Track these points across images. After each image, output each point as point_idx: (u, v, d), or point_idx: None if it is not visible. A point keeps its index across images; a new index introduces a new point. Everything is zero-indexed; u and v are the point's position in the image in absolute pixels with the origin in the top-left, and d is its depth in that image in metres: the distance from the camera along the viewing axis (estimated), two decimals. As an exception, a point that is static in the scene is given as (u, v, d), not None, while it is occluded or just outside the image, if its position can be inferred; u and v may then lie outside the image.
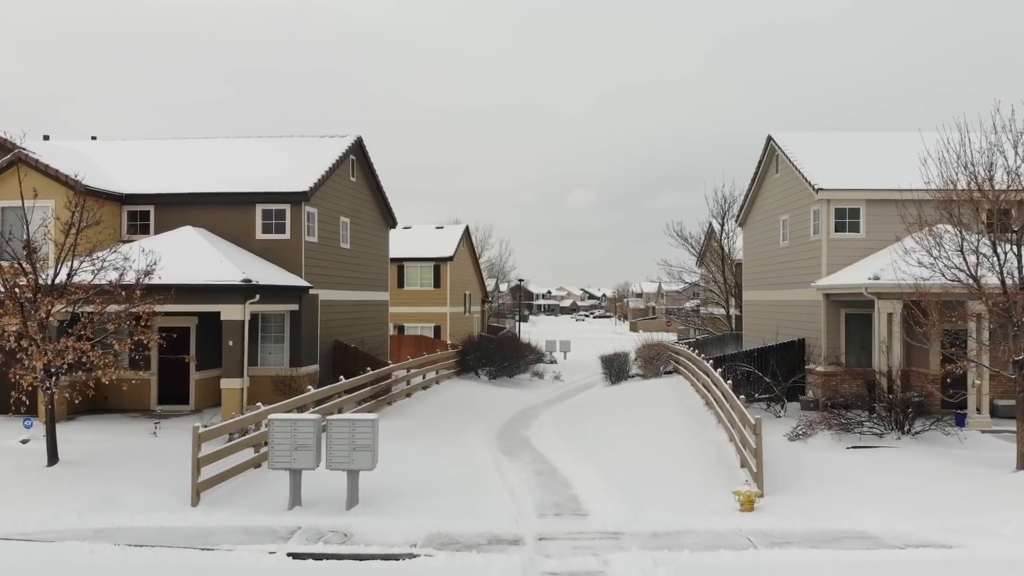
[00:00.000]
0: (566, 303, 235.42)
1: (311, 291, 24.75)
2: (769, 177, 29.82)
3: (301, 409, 19.87)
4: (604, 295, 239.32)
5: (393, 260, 45.63)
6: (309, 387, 20.31)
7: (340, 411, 22.20)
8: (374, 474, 15.83)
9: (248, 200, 24.54)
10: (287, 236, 24.56)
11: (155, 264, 17.77)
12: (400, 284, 45.78)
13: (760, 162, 29.98)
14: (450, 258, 44.99)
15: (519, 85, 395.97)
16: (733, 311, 42.33)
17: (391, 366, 26.47)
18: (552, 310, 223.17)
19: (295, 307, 24.17)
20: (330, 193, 26.72)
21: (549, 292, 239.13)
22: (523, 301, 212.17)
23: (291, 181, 24.76)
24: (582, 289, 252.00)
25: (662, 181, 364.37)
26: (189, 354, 23.38)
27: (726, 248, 42.27)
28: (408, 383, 28.62)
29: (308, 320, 24.81)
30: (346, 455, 14.70)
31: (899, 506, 14.78)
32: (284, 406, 18.21)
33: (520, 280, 70.98)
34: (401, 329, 45.49)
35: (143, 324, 17.71)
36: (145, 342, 18.57)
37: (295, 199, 24.40)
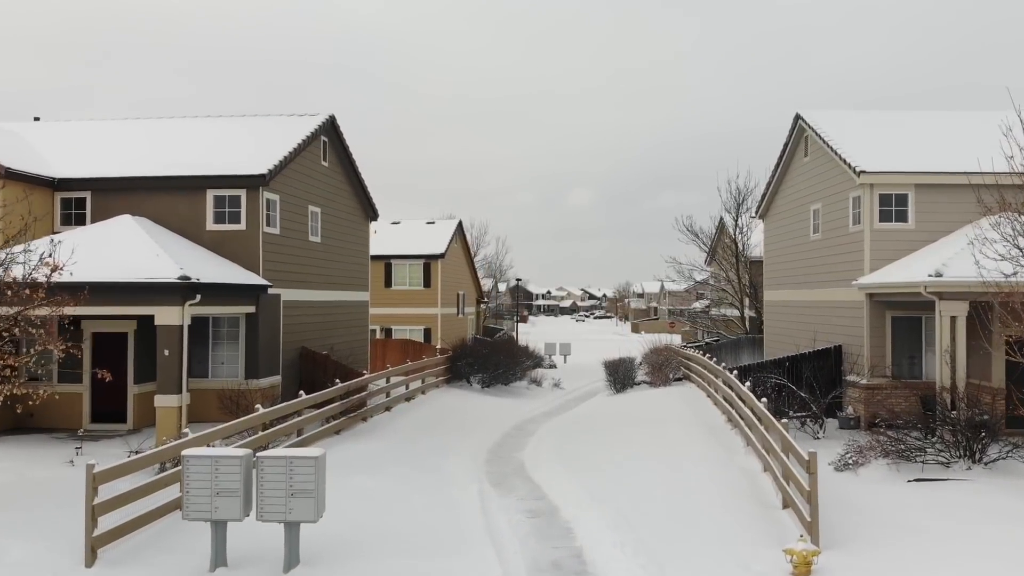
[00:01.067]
0: (566, 303, 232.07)
1: (270, 290, 21.36)
2: (797, 162, 26.41)
3: (249, 433, 16.51)
4: (604, 295, 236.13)
5: (379, 257, 42.27)
6: (258, 405, 16.89)
7: (300, 433, 18.83)
8: (327, 520, 12.45)
9: (197, 185, 21.15)
10: (242, 226, 21.15)
11: (61, 257, 14.34)
12: (387, 283, 42.40)
13: (786, 145, 26.58)
14: (441, 255, 41.63)
15: (519, 85, 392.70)
16: (748, 312, 38.93)
17: (366, 377, 23.07)
18: (552, 310, 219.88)
19: (251, 309, 20.78)
20: (296, 178, 23.33)
21: (549, 292, 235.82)
22: (522, 301, 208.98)
23: (248, 163, 21.36)
24: (582, 289, 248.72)
25: (661, 181, 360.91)
26: (127, 364, 20.00)
27: (740, 244, 38.87)
28: (388, 395, 25.23)
29: (267, 324, 21.41)
30: (282, 503, 11.30)
31: (997, 567, 11.42)
32: (221, 432, 14.82)
33: (518, 280, 67.57)
34: (388, 332, 42.10)
35: (67, 329, 14.27)
36: (62, 351, 15.14)
37: (252, 183, 21.01)
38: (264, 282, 20.85)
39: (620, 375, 34.49)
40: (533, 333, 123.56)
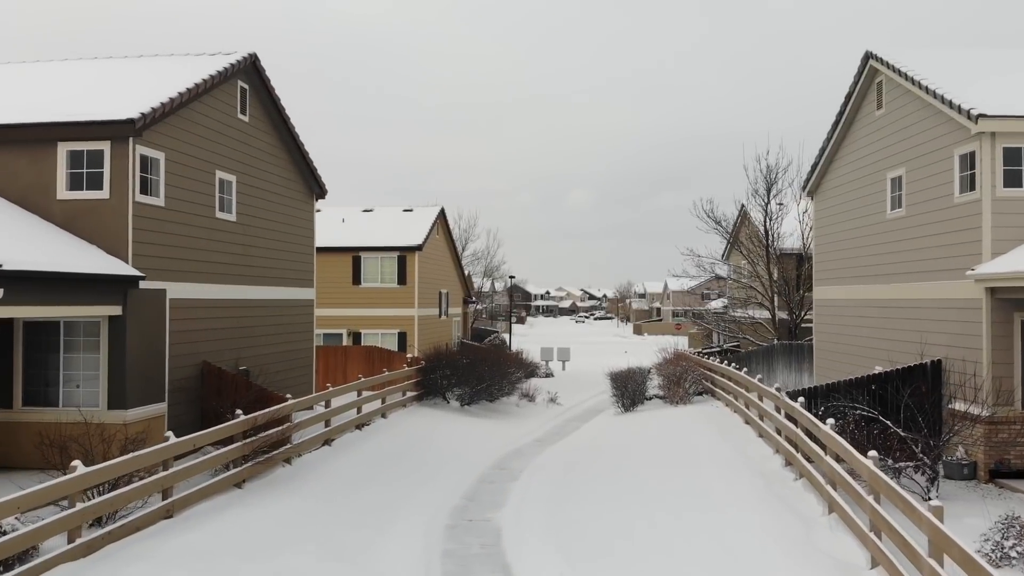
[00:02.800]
0: (565, 304, 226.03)
1: (146, 284, 15.25)
2: (865, 118, 20.29)
3: (69, 502, 10.45)
4: (605, 296, 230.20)
5: (346, 250, 36.17)
6: (77, 463, 10.74)
7: (167, 494, 12.72)
8: None
9: (45, 136, 15.04)
10: (105, 194, 15.03)
11: None
12: (356, 280, 36.28)
13: (849, 98, 20.49)
14: (419, 247, 35.54)
15: (516, 86, 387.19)
16: (779, 314, 32.82)
17: (288, 403, 16.92)
18: (551, 311, 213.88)
19: (115, 310, 14.66)
20: (195, 132, 17.22)
21: (547, 292, 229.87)
22: (520, 302, 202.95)
23: (118, 108, 15.25)
24: (582, 289, 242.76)
25: (661, 182, 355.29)
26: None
27: (772, 233, 32.79)
28: (327, 424, 19.12)
29: (141, 331, 15.28)
30: None
31: None
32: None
33: (511, 277, 61.24)
34: (357, 337, 36.00)
35: None
36: None
37: (119, 133, 14.90)
38: (134, 272, 14.72)
39: (629, 390, 28.42)
40: (531, 335, 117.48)
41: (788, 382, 29.20)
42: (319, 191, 23.35)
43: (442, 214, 40.05)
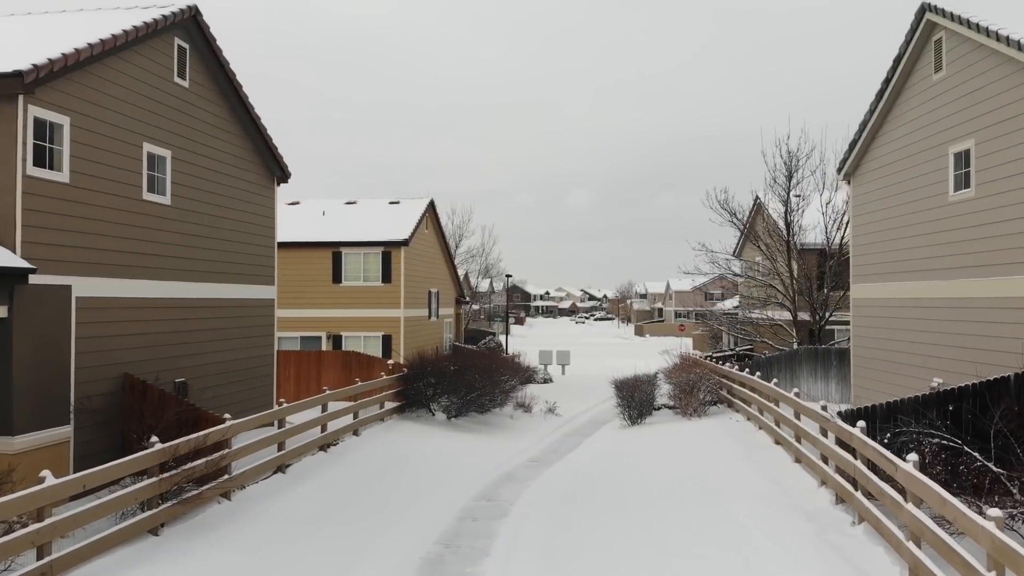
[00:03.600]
0: (565, 304, 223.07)
1: (43, 278, 12.23)
2: (919, 83, 17.26)
3: None
4: (605, 296, 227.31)
5: (325, 245, 33.16)
6: None
7: (42, 553, 9.70)
8: None
9: (-88, 94, 12.00)
10: (-15, 165, 11.99)
11: None
12: (336, 278, 33.25)
13: (898, 62, 17.47)
14: (405, 242, 32.53)
15: (514, 86, 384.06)
16: (802, 315, 29.83)
17: (228, 424, 13.88)
18: (550, 312, 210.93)
19: (1, 312, 11.63)
20: (112, 95, 14.17)
21: (547, 293, 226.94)
22: (519, 302, 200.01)
23: (7, 58, 12.22)
24: (582, 290, 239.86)
25: (661, 183, 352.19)
26: None
27: (793, 226, 29.79)
28: (281, 447, 16.09)
29: (37, 337, 12.25)
30: None
31: None
32: None
33: (508, 276, 58.23)
34: (337, 341, 32.98)
35: None
36: None
37: (4, 90, 11.87)
38: (22, 263, 11.69)
39: (636, 400, 25.43)
40: (529, 336, 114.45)
41: (815, 392, 26.21)
42: (281, 175, 20.31)
43: (431, 207, 37.04)
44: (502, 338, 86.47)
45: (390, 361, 25.91)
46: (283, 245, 33.63)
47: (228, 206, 18.25)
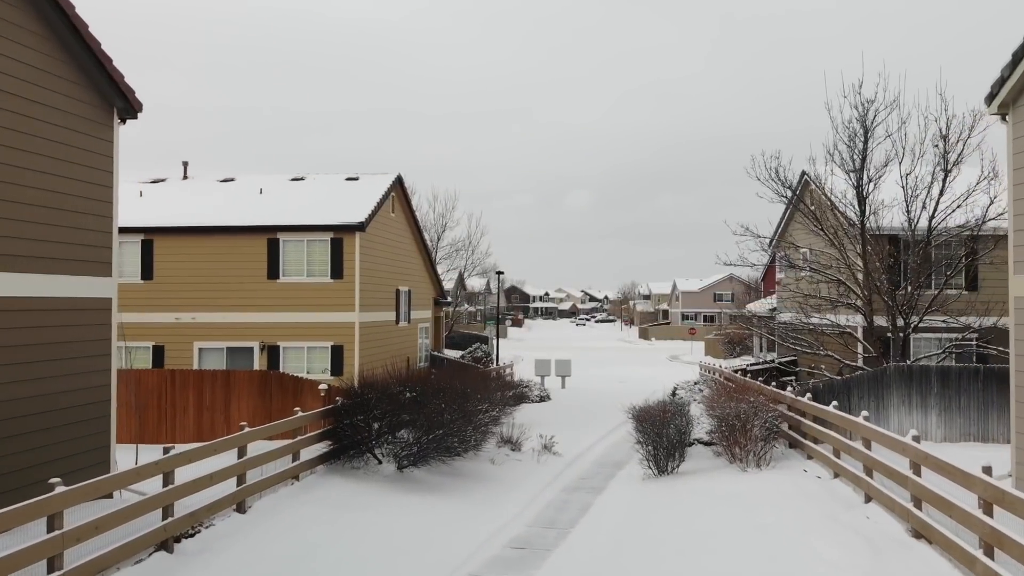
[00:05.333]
0: (565, 306, 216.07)
1: None
2: None
3: None
4: (606, 297, 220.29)
5: (258, 229, 25.91)
6: None
7: None
8: None
9: None
10: None
11: None
12: (272, 273, 26.01)
13: None
14: (360, 226, 25.30)
15: (516, 91, 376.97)
16: (879, 320, 22.61)
17: None
18: (550, 313, 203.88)
19: None
20: None
21: (546, 294, 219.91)
22: (518, 303, 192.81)
23: None
24: (582, 291, 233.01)
25: (660, 183, 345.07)
26: None
27: (868, 205, 22.57)
28: (53, 568, 8.86)
29: None
30: None
31: None
32: None
33: (499, 273, 50.78)
34: (274, 353, 25.74)
35: None
36: None
37: None
38: None
39: (665, 440, 18.19)
40: (528, 339, 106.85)
41: (909, 426, 19.02)
42: (124, 106, 13.02)
43: (399, 185, 29.74)
44: (494, 342, 79.08)
45: (322, 385, 18.59)
46: (202, 230, 26.38)
47: (15, 145, 11.01)
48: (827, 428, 16.03)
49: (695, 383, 34.41)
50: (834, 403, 16.00)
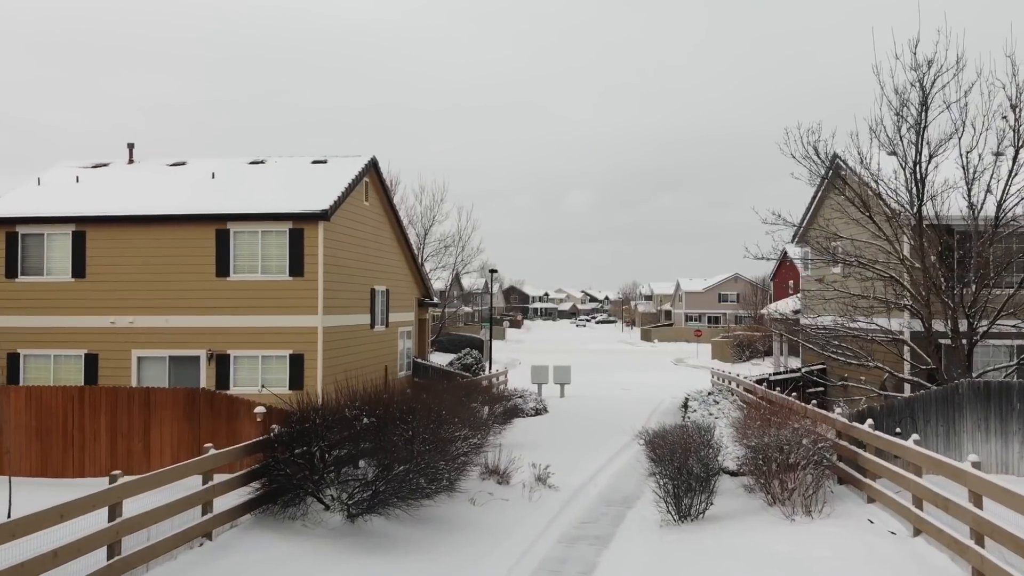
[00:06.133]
0: (565, 306, 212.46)
1: None
2: None
3: None
4: (607, 298, 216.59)
5: (205, 219, 22.28)
6: None
7: None
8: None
9: None
10: None
11: None
12: (222, 270, 22.33)
13: None
14: (324, 215, 21.63)
15: (511, 87, 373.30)
16: (939, 325, 18.92)
17: None
18: (549, 314, 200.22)
19: None
20: None
21: (546, 294, 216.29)
22: (517, 304, 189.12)
23: None
24: (582, 291, 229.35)
25: (660, 184, 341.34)
26: None
27: (926, 188, 18.84)
28: None
29: None
30: None
31: None
32: None
33: (493, 271, 46.88)
34: (223, 362, 22.06)
35: None
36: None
37: None
38: None
39: (686, 474, 14.52)
40: (526, 341, 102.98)
41: (987, 455, 15.36)
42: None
43: (373, 169, 26.02)
44: (494, 343, 75.25)
45: (259, 410, 14.87)
46: (142, 220, 22.63)
47: None
48: (904, 469, 12.35)
49: (708, 393, 30.72)
50: (914, 437, 12.27)
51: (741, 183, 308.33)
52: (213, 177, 24.46)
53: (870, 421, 14.05)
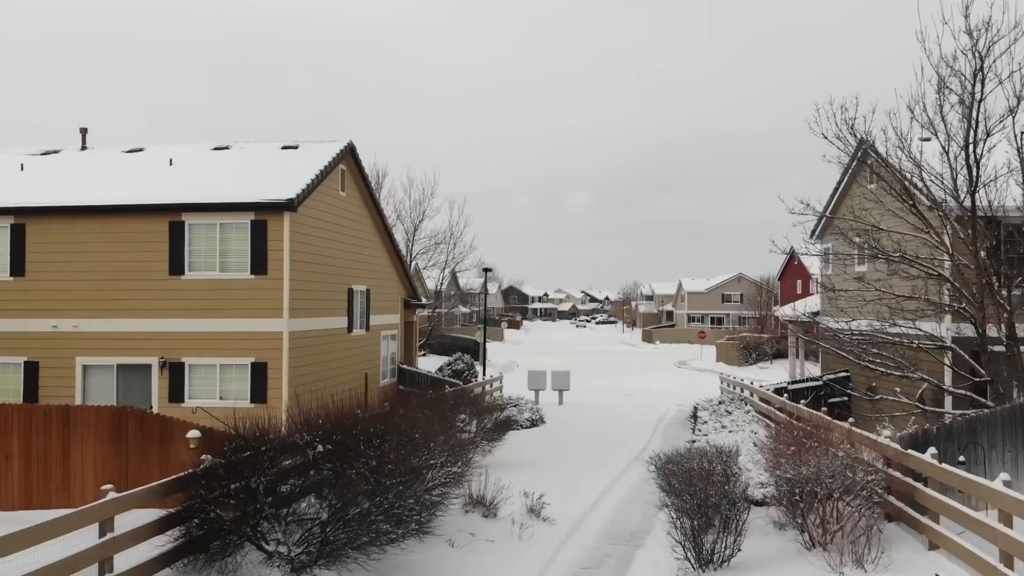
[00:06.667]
0: (565, 307, 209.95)
1: None
2: None
3: None
4: (607, 298, 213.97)
5: (158, 209, 19.79)
6: None
7: None
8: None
9: None
10: None
11: None
12: (176, 267, 19.81)
13: None
14: (290, 205, 19.13)
15: (511, 87, 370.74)
16: (992, 329, 16.42)
17: None
18: (549, 314, 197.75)
19: None
20: None
21: (546, 295, 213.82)
22: (516, 304, 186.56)
23: None
24: (582, 291, 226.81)
25: (660, 182, 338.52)
26: None
27: (980, 174, 16.31)
28: None
29: None
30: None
31: None
32: None
33: (487, 270, 44.30)
34: (177, 371, 19.56)
35: None
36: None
37: None
38: None
39: (707, 510, 12.04)
40: (525, 342, 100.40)
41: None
42: None
43: (350, 155, 23.48)
44: (488, 345, 72.47)
45: (193, 433, 12.34)
46: (88, 212, 20.05)
47: None
48: (981, 515, 9.87)
49: (719, 402, 28.23)
50: (1003, 477, 9.76)
51: (741, 183, 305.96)
52: (171, 164, 21.97)
53: (933, 450, 11.54)
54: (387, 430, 12.70)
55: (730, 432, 23.98)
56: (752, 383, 28.42)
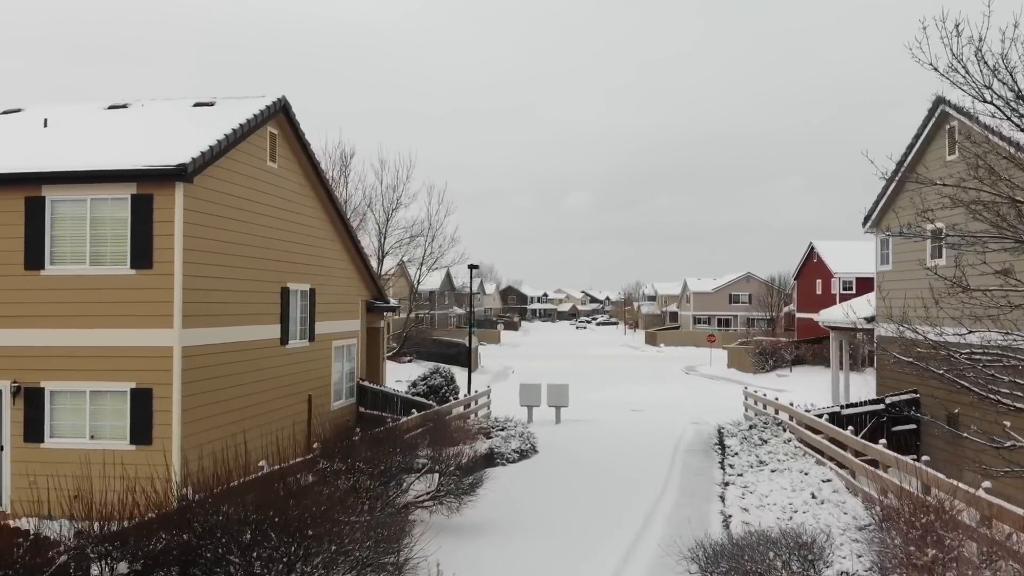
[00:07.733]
0: (564, 307, 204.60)
1: None
2: None
3: None
4: (608, 298, 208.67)
5: (13, 180, 14.54)
6: None
7: None
8: None
9: None
10: None
11: None
12: (34, 259, 14.65)
13: None
14: (181, 172, 13.99)
15: (511, 88, 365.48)
16: None
17: None
18: (548, 315, 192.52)
19: None
20: None
21: (545, 295, 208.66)
22: (515, 305, 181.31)
23: None
24: (583, 292, 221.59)
25: (660, 182, 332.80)
26: None
27: None
28: None
29: None
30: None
31: None
32: None
33: (473, 267, 38.75)
34: (34, 400, 14.40)
35: None
36: None
37: None
38: None
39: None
40: (523, 345, 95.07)
41: None
42: None
43: (283, 113, 18.19)
44: (483, 348, 67.10)
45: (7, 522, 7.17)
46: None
47: None
48: None
49: (751, 427, 23.12)
50: None
51: (742, 183, 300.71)
52: (45, 126, 16.80)
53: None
54: (265, 521, 7.60)
55: (772, 471, 18.83)
56: (791, 404, 23.19)
